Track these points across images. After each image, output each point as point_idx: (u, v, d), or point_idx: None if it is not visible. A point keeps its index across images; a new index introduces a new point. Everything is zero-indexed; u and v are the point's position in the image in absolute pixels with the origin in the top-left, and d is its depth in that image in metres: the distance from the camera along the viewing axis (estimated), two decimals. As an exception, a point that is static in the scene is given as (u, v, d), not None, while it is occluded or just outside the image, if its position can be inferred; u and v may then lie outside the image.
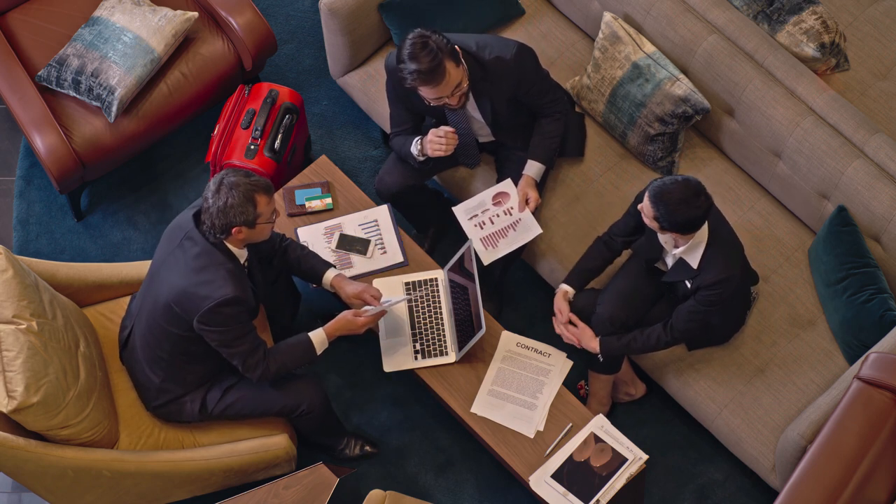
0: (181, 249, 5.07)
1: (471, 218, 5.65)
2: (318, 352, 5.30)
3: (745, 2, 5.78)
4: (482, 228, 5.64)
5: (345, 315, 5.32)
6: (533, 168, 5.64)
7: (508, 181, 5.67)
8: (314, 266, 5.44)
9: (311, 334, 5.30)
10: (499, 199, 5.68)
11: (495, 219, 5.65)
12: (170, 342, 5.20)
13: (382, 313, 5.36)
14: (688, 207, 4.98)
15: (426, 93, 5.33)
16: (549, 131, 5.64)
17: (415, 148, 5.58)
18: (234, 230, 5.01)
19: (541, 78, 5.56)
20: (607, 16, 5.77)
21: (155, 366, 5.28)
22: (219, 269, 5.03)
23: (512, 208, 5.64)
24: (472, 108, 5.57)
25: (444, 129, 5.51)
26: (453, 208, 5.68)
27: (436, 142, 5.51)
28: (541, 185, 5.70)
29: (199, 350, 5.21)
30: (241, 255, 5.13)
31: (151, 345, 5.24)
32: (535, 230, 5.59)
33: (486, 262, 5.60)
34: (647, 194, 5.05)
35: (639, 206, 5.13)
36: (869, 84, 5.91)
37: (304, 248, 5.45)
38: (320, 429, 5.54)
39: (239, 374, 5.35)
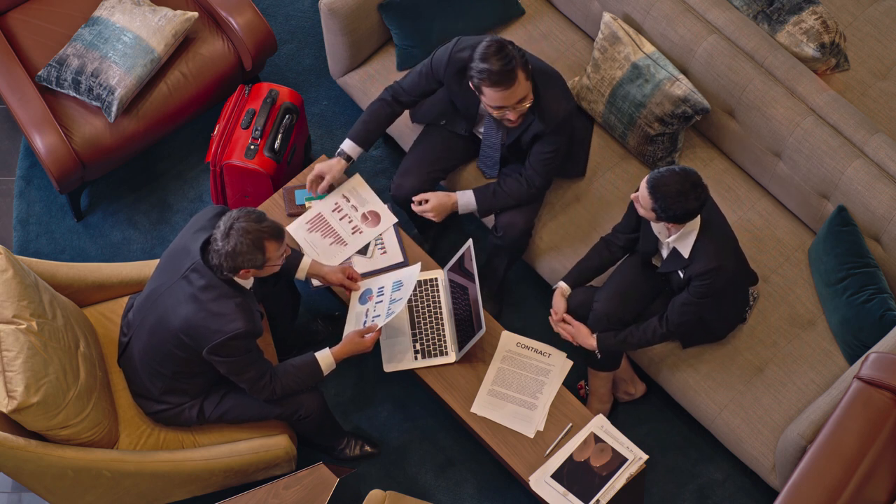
0: (187, 281, 5.06)
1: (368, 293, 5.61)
2: (325, 373, 5.31)
3: (745, 2, 5.78)
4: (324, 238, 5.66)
5: (352, 338, 5.32)
6: (466, 199, 5.60)
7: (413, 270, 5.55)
8: (290, 258, 5.44)
9: (318, 356, 5.29)
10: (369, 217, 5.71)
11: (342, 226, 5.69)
12: (174, 363, 5.20)
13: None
14: (686, 200, 4.99)
15: (490, 96, 5.26)
16: (510, 191, 5.57)
17: (337, 153, 5.65)
18: (242, 272, 5.03)
19: (559, 146, 5.50)
20: (607, 16, 5.77)
21: (155, 378, 5.28)
22: (228, 302, 5.03)
23: (357, 227, 5.67)
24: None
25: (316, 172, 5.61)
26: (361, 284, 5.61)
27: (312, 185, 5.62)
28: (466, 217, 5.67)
29: (202, 368, 5.21)
30: (248, 283, 5.14)
31: (153, 361, 5.24)
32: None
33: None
34: (644, 184, 5.05)
35: (632, 196, 5.13)
36: (869, 84, 5.91)
37: None
38: (319, 432, 5.54)
39: None
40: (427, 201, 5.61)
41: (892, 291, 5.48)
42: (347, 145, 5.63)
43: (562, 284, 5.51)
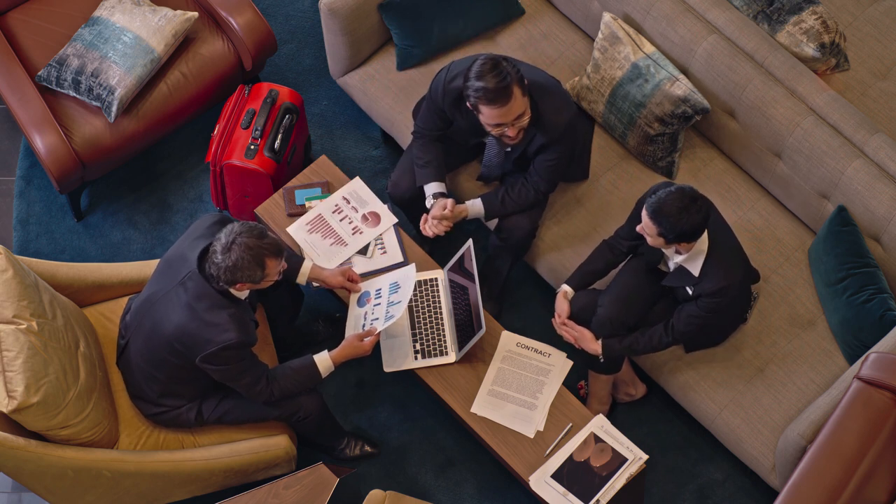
0: (183, 288, 5.06)
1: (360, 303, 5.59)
2: (323, 376, 5.30)
3: (745, 2, 5.78)
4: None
5: (351, 341, 5.32)
6: (476, 208, 5.59)
7: (409, 271, 5.55)
8: (290, 264, 5.44)
9: (316, 359, 5.29)
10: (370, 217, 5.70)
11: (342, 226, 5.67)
12: (168, 368, 5.20)
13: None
14: (689, 215, 4.98)
15: (487, 114, 5.24)
16: (517, 199, 5.57)
17: (429, 202, 5.58)
18: (238, 285, 5.03)
19: (563, 153, 5.50)
20: (606, 16, 5.77)
21: (151, 382, 5.28)
22: (222, 312, 5.03)
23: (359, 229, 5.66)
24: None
25: (444, 210, 5.50)
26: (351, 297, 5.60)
27: (435, 226, 5.53)
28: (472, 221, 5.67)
29: (196, 374, 5.21)
30: (243, 294, 5.13)
31: (148, 365, 5.24)
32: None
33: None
34: (644, 213, 5.04)
35: (638, 228, 5.12)
36: (869, 84, 5.91)
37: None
38: (319, 432, 5.54)
39: None
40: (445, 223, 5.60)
41: (892, 291, 5.48)
42: (437, 186, 5.58)
43: (565, 287, 5.50)
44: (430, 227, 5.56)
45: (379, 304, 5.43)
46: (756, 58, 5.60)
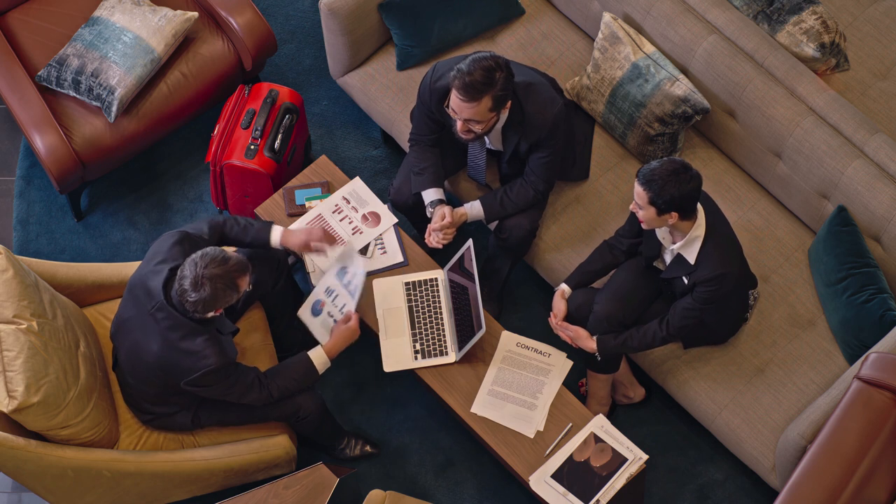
0: (153, 319, 5.04)
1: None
2: (320, 372, 5.30)
3: (745, 2, 5.79)
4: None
5: (338, 329, 5.31)
6: (475, 211, 5.60)
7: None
8: (258, 232, 5.36)
9: (310, 354, 5.28)
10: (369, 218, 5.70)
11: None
12: (155, 387, 5.22)
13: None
14: (678, 180, 4.97)
15: (452, 95, 5.27)
16: (517, 199, 5.58)
17: (428, 210, 5.58)
18: (217, 310, 5.02)
19: (556, 149, 5.50)
20: (606, 16, 5.77)
21: (143, 393, 5.28)
22: (197, 339, 5.02)
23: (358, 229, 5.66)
24: (497, 139, 5.54)
25: (444, 220, 5.51)
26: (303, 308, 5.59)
27: (438, 238, 5.53)
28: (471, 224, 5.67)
29: (183, 389, 5.21)
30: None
31: (137, 380, 5.24)
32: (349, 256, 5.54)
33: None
34: (636, 183, 5.04)
35: (631, 207, 5.12)
36: (869, 84, 5.91)
37: (243, 218, 5.37)
38: (318, 432, 5.54)
39: None
40: (447, 228, 5.59)
41: (892, 291, 5.48)
42: (434, 193, 5.58)
43: (563, 286, 5.51)
44: (434, 239, 5.56)
45: (337, 295, 5.43)
46: (756, 58, 5.61)
